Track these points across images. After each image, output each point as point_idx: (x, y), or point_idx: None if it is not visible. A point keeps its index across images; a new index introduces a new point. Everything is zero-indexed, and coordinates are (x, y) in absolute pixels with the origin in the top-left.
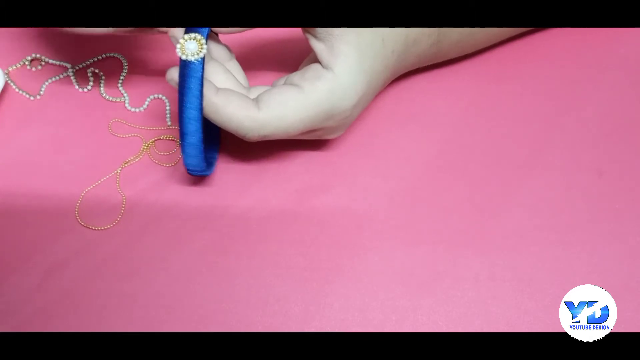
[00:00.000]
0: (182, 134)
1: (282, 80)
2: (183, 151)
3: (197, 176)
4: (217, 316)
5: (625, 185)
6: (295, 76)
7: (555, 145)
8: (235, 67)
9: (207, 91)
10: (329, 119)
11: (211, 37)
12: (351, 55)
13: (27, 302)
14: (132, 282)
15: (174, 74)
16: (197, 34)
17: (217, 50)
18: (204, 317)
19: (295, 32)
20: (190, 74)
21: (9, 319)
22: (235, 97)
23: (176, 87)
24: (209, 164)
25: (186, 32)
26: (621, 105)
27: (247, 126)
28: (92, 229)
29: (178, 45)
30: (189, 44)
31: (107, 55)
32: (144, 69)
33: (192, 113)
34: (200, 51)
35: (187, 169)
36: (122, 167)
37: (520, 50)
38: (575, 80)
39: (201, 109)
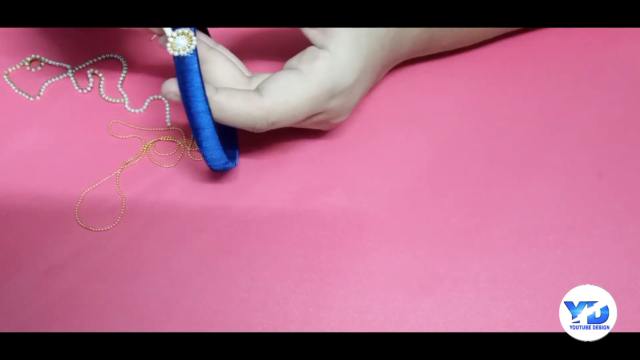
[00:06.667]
0: (196, 129)
1: None
2: (201, 146)
3: (219, 171)
4: (216, 317)
5: (625, 186)
6: (293, 60)
7: (555, 146)
8: (224, 50)
9: (208, 92)
10: (332, 98)
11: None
12: (345, 33)
13: (27, 303)
14: (132, 282)
15: (170, 86)
16: (184, 29)
17: (202, 37)
18: (203, 317)
19: None
20: (188, 69)
21: (10, 320)
22: (236, 91)
23: (176, 99)
24: (231, 156)
25: (173, 29)
26: (621, 106)
27: (255, 116)
28: (92, 230)
29: (168, 44)
30: (178, 40)
31: (107, 56)
32: (144, 69)
33: (200, 106)
34: (191, 44)
35: (210, 165)
36: (121, 168)
37: (520, 51)
38: (575, 80)
39: (207, 101)
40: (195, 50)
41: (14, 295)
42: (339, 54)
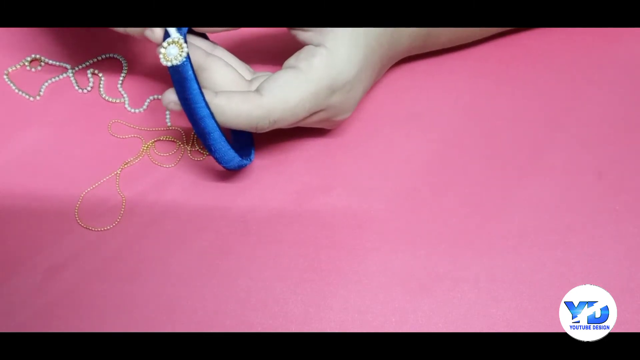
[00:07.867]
0: (203, 135)
1: None
2: (211, 150)
3: (233, 170)
4: (216, 317)
5: (625, 186)
6: (291, 60)
7: (555, 146)
8: (223, 54)
9: (207, 97)
10: (332, 94)
11: (189, 31)
12: (341, 30)
13: (27, 303)
14: (132, 283)
15: (170, 96)
16: (174, 37)
17: (199, 43)
18: (203, 318)
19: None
20: (184, 77)
21: (10, 320)
22: (235, 93)
23: (178, 108)
24: (246, 154)
25: (164, 39)
26: (621, 106)
27: (256, 115)
28: (92, 230)
29: (161, 56)
30: (170, 50)
31: (107, 56)
32: (144, 69)
33: (202, 111)
34: (182, 51)
35: (224, 166)
36: (122, 168)
37: (519, 50)
38: (575, 80)
39: (208, 105)
40: (188, 57)
41: (14, 295)
42: (337, 51)
